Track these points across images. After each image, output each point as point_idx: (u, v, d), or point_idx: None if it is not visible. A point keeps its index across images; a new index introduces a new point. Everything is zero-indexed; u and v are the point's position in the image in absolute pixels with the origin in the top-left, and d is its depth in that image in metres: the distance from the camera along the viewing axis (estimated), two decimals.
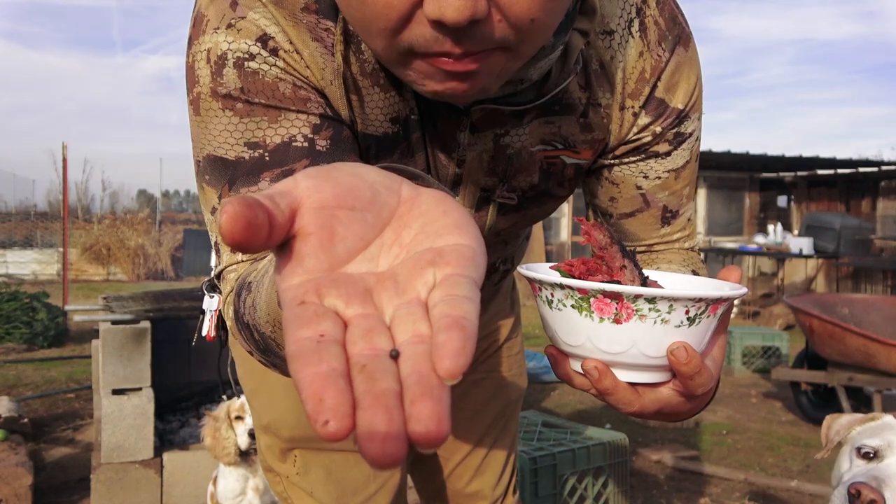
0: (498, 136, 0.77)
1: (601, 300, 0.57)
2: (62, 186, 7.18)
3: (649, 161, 0.83)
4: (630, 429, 3.85)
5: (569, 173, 0.85)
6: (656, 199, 0.85)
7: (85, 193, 25.52)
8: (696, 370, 0.57)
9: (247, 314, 0.64)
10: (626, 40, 0.77)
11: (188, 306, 2.99)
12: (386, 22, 0.57)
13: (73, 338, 6.33)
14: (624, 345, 0.58)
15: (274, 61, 0.68)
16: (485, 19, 0.55)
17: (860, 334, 3.50)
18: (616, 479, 2.37)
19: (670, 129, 0.81)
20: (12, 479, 2.52)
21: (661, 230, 0.88)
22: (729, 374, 5.58)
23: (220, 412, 2.08)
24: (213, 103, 0.68)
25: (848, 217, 9.58)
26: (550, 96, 0.74)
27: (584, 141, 0.81)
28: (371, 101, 0.73)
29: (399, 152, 0.77)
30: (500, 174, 0.81)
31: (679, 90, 0.81)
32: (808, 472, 3.36)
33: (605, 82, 0.78)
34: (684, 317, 0.57)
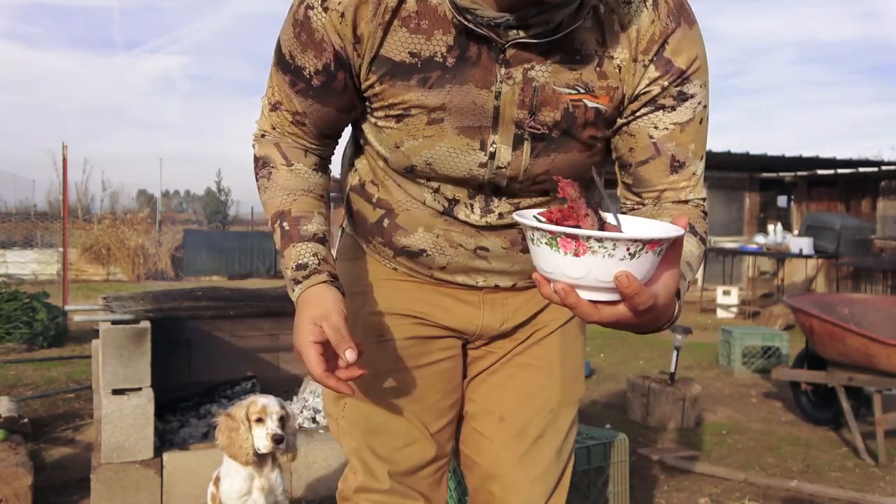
0: (526, 70, 0.99)
1: (564, 239, 0.76)
2: (62, 186, 7.18)
3: (658, 112, 1.02)
4: (630, 429, 3.85)
5: (590, 116, 1.03)
6: (665, 148, 1.04)
7: (85, 193, 25.52)
8: (636, 292, 0.75)
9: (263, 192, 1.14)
10: (641, 10, 0.99)
11: (188, 306, 2.99)
12: None
13: (73, 338, 6.33)
14: (582, 272, 0.77)
15: (321, 15, 1.00)
16: None
17: (860, 334, 3.49)
18: (616, 479, 2.37)
19: (674, 85, 1.01)
20: (12, 479, 2.52)
21: (669, 177, 1.06)
22: (729, 374, 5.58)
23: (239, 412, 2.07)
24: (290, 22, 1.04)
25: (848, 217, 9.57)
26: (562, 34, 0.96)
27: (601, 87, 1.01)
28: (396, 38, 0.99)
29: (416, 80, 1.01)
30: (529, 106, 1.01)
31: (683, 54, 1.01)
32: (808, 472, 3.37)
33: (622, 40, 1.00)
34: (626, 253, 0.75)
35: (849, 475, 3.33)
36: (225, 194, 26.19)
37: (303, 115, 1.09)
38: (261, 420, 2.05)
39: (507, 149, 1.05)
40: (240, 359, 3.48)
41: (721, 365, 5.79)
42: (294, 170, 1.12)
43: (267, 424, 2.04)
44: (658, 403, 4.07)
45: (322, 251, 1.08)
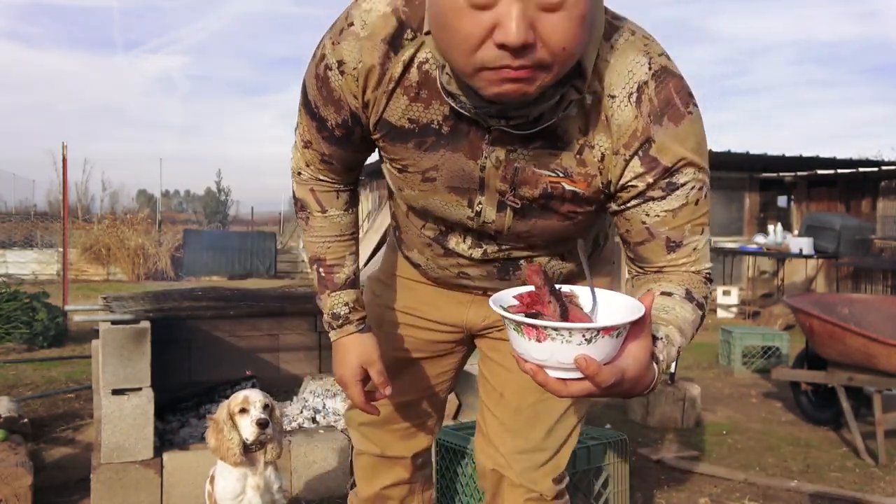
0: (509, 151, 1.07)
1: (527, 327, 0.85)
2: (62, 186, 7.18)
3: (648, 203, 1.07)
4: (630, 429, 3.85)
5: (567, 196, 1.11)
6: (659, 232, 1.08)
7: (85, 193, 25.53)
8: (596, 372, 0.83)
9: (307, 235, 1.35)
10: (624, 105, 1.02)
11: (188, 306, 2.99)
12: (466, 46, 0.88)
13: (73, 338, 6.33)
14: (545, 355, 0.86)
15: (338, 77, 1.10)
16: (532, 45, 0.85)
17: (860, 334, 3.49)
18: (616, 479, 2.37)
19: (661, 179, 1.04)
20: (12, 479, 2.52)
21: (667, 256, 1.10)
22: (729, 374, 5.57)
23: (221, 413, 2.05)
24: (312, 75, 1.14)
25: (848, 217, 9.57)
26: (541, 127, 1.02)
27: (579, 174, 1.08)
28: (398, 104, 1.09)
29: (413, 143, 1.12)
30: (509, 182, 1.11)
31: (668, 153, 1.03)
32: (808, 473, 3.37)
33: (604, 131, 1.04)
34: (582, 339, 0.84)
35: (849, 475, 3.33)
36: (225, 194, 26.24)
37: (330, 156, 1.24)
38: (244, 410, 2.03)
39: (492, 209, 1.16)
40: (240, 359, 3.48)
41: (721, 365, 5.79)
42: (328, 216, 1.32)
43: (251, 413, 2.02)
44: (658, 403, 4.07)
45: (353, 298, 1.35)
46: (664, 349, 0.98)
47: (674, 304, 1.06)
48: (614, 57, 1.02)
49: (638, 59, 1.02)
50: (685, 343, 1.03)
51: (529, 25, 0.85)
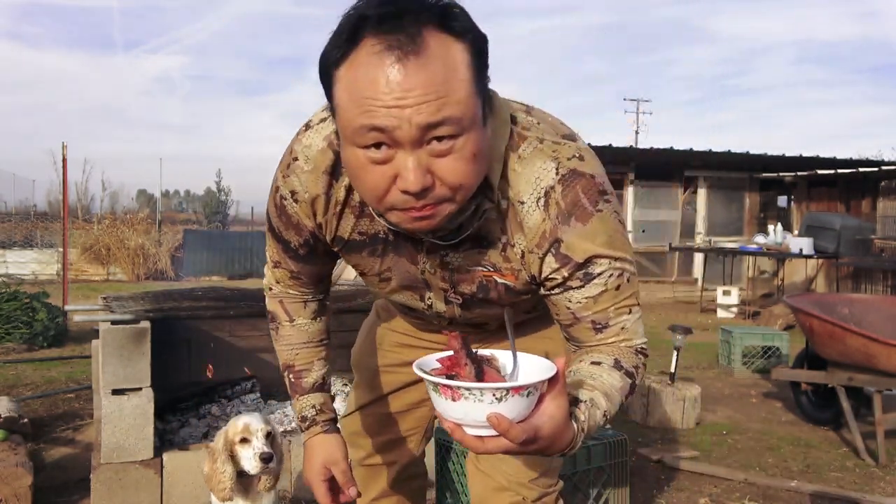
0: (442, 256, 1.21)
1: (443, 387, 0.93)
2: (62, 186, 7.18)
3: (569, 292, 1.16)
4: (630, 429, 3.85)
5: (500, 289, 1.23)
6: (584, 316, 1.17)
7: (85, 193, 25.52)
8: (507, 429, 0.90)
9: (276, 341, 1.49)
10: (532, 210, 1.12)
11: (188, 306, 2.99)
12: (375, 194, 1.02)
13: (73, 338, 6.33)
14: (461, 414, 0.93)
15: (293, 205, 1.24)
16: (431, 186, 0.98)
17: (860, 334, 3.49)
18: (616, 479, 2.37)
19: (576, 272, 1.13)
20: (12, 479, 2.52)
21: (596, 336, 1.18)
22: (729, 374, 5.57)
23: (217, 442, 1.91)
24: (272, 203, 1.29)
25: (848, 217, 9.57)
26: (461, 238, 1.16)
27: (506, 268, 1.19)
28: (347, 222, 1.23)
29: (367, 252, 1.26)
30: (448, 281, 1.25)
31: (578, 250, 1.12)
32: (808, 473, 3.36)
33: (519, 232, 1.15)
34: (493, 398, 0.91)
35: (849, 475, 3.33)
36: (225, 194, 26.21)
37: (298, 272, 1.37)
38: (246, 440, 1.89)
39: (440, 303, 1.30)
40: (240, 359, 3.48)
41: (721, 365, 5.79)
42: (296, 325, 1.43)
43: (253, 444, 1.88)
44: (658, 403, 4.07)
45: (320, 401, 1.42)
46: (587, 411, 1.05)
47: (601, 371, 1.14)
48: (522, 166, 1.12)
49: (545, 165, 1.11)
50: (612, 408, 1.11)
51: (426, 171, 0.97)
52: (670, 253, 11.93)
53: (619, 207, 1.18)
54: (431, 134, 0.96)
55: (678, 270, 12.16)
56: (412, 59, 0.93)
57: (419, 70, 0.93)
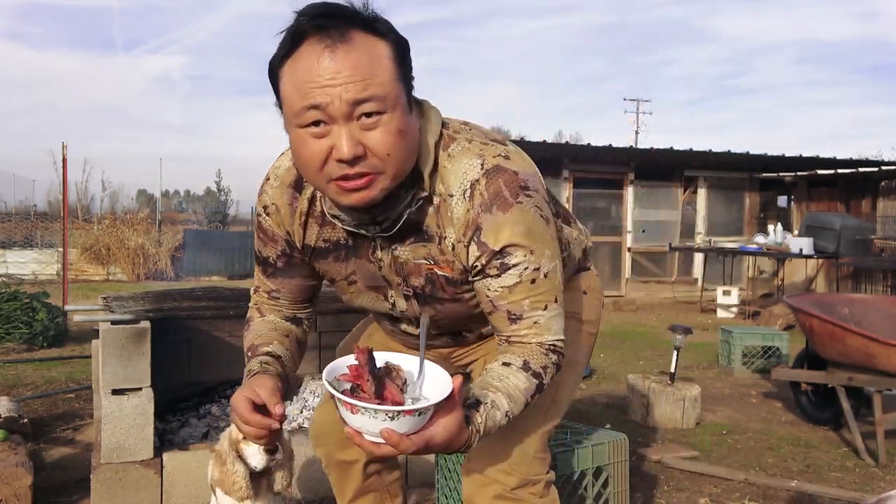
0: (392, 250, 1.34)
1: (344, 402, 1.06)
2: (62, 186, 7.18)
3: (486, 279, 1.28)
4: (630, 429, 3.85)
5: (442, 281, 1.34)
6: (500, 305, 1.28)
7: (85, 193, 25.54)
8: (398, 443, 1.05)
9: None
10: (460, 202, 1.25)
11: (188, 306, 2.99)
12: (315, 165, 1.17)
13: (73, 338, 6.33)
14: (358, 424, 1.07)
15: (266, 218, 1.42)
16: (362, 156, 1.15)
17: (860, 334, 3.49)
18: (616, 479, 2.36)
19: (493, 259, 1.25)
20: (12, 479, 2.52)
21: (511, 326, 1.29)
22: (729, 374, 5.57)
23: (222, 444, 1.88)
24: (254, 225, 1.48)
25: (848, 217, 9.57)
26: (405, 224, 1.28)
27: (443, 260, 1.31)
28: (312, 231, 1.39)
29: (332, 258, 1.41)
30: (400, 275, 1.36)
31: (494, 237, 1.24)
32: (808, 473, 3.36)
33: (450, 225, 1.27)
34: (386, 416, 1.04)
35: (849, 475, 3.33)
36: (225, 194, 26.18)
37: (276, 291, 1.49)
38: None
39: (401, 300, 1.42)
40: (240, 359, 3.47)
41: (721, 365, 5.79)
42: (265, 319, 1.51)
43: None
44: (658, 403, 4.07)
45: (270, 360, 1.42)
46: (485, 412, 1.19)
47: (509, 373, 1.25)
48: (451, 163, 1.26)
49: (472, 161, 1.25)
50: (515, 407, 1.24)
51: (357, 142, 1.13)
52: (670, 253, 11.93)
53: (542, 205, 1.29)
54: (360, 110, 1.13)
55: (678, 270, 12.15)
56: (340, 48, 1.12)
57: (346, 56, 1.12)
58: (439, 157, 1.27)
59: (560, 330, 1.32)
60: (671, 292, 11.73)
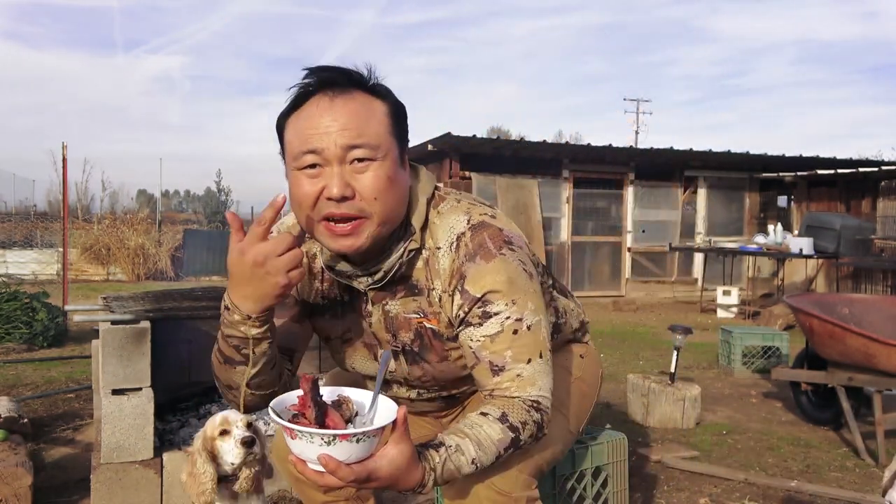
0: (384, 305, 1.38)
1: (284, 428, 1.06)
2: (62, 186, 7.18)
3: (469, 329, 1.30)
4: (630, 429, 3.85)
5: (430, 335, 1.37)
6: (483, 356, 1.29)
7: (85, 193, 25.54)
8: (335, 469, 1.03)
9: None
10: (447, 254, 1.32)
11: (188, 306, 2.99)
12: (307, 202, 1.24)
13: (73, 338, 6.33)
14: (298, 450, 1.07)
15: None
16: (351, 197, 1.22)
17: (860, 334, 3.49)
18: (616, 479, 2.36)
19: (475, 308, 1.28)
20: (12, 479, 2.52)
21: (493, 379, 1.29)
22: (729, 374, 5.57)
23: (196, 443, 1.80)
24: None
25: (848, 217, 9.56)
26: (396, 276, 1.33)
27: (431, 312, 1.35)
28: (308, 287, 1.45)
29: (329, 315, 1.46)
30: (391, 330, 1.39)
31: (476, 285, 1.28)
32: (808, 473, 3.36)
33: (437, 276, 1.33)
34: (322, 441, 1.03)
35: (849, 475, 3.33)
36: (225, 194, 26.17)
37: None
38: (226, 432, 1.78)
39: (391, 360, 1.43)
40: None
41: (721, 365, 5.79)
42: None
43: (233, 432, 1.76)
44: (658, 403, 4.07)
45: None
46: (446, 454, 1.17)
47: (483, 422, 1.23)
48: (440, 219, 1.34)
49: (459, 217, 1.33)
50: (484, 457, 1.21)
51: (347, 184, 1.21)
52: (670, 253, 11.93)
53: (526, 260, 1.33)
54: (352, 155, 1.22)
55: (678, 270, 12.16)
56: (339, 99, 1.23)
57: (344, 106, 1.23)
58: (430, 214, 1.35)
59: (546, 388, 1.29)
60: (671, 292, 11.73)
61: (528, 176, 10.94)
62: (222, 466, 1.79)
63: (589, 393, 1.70)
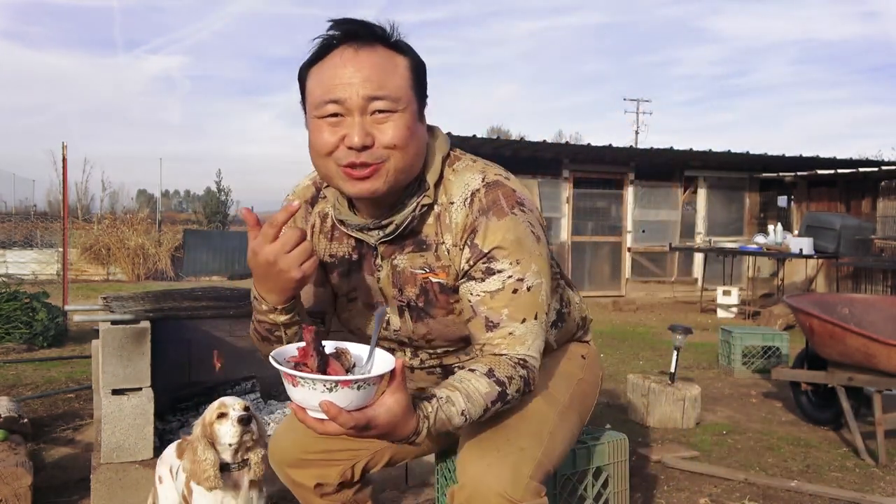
0: (392, 259, 1.41)
1: (286, 375, 1.08)
2: (62, 186, 7.17)
3: (471, 282, 1.34)
4: (630, 429, 3.85)
5: (436, 288, 1.39)
6: (480, 311, 1.33)
7: (85, 193, 25.55)
8: (336, 415, 1.06)
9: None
10: (460, 209, 1.35)
11: (188, 306, 2.99)
12: (326, 150, 1.28)
13: (73, 338, 6.33)
14: (299, 398, 1.09)
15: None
16: (371, 145, 1.26)
17: (860, 334, 3.49)
18: (616, 479, 2.36)
19: (480, 262, 1.32)
20: (12, 479, 2.52)
21: (486, 334, 1.33)
22: (729, 374, 5.57)
23: (195, 430, 1.84)
24: None
25: (848, 217, 9.56)
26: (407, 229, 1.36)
27: (439, 266, 1.38)
28: (320, 245, 1.49)
29: (336, 273, 1.48)
30: (397, 285, 1.41)
31: (485, 239, 1.32)
32: (808, 472, 3.36)
33: (449, 231, 1.36)
34: (324, 388, 1.06)
35: (849, 475, 3.33)
36: (225, 194, 26.16)
37: None
38: (223, 415, 1.83)
39: (395, 317, 1.45)
40: (240, 359, 3.48)
41: (721, 365, 5.79)
42: None
43: (229, 414, 1.81)
44: (658, 403, 4.07)
45: None
46: (438, 404, 1.20)
47: (470, 377, 1.26)
48: (455, 176, 1.38)
49: (474, 175, 1.37)
50: (473, 409, 1.24)
51: (367, 133, 1.25)
52: (670, 253, 11.94)
53: (535, 224, 1.36)
54: (373, 106, 1.25)
55: (678, 270, 12.16)
56: (363, 51, 1.27)
57: (367, 58, 1.26)
58: (444, 171, 1.39)
59: (535, 348, 1.33)
60: (671, 292, 11.73)
61: (528, 176, 10.94)
62: (222, 454, 1.84)
63: (591, 393, 1.70)
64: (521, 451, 1.37)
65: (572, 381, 1.62)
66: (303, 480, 1.67)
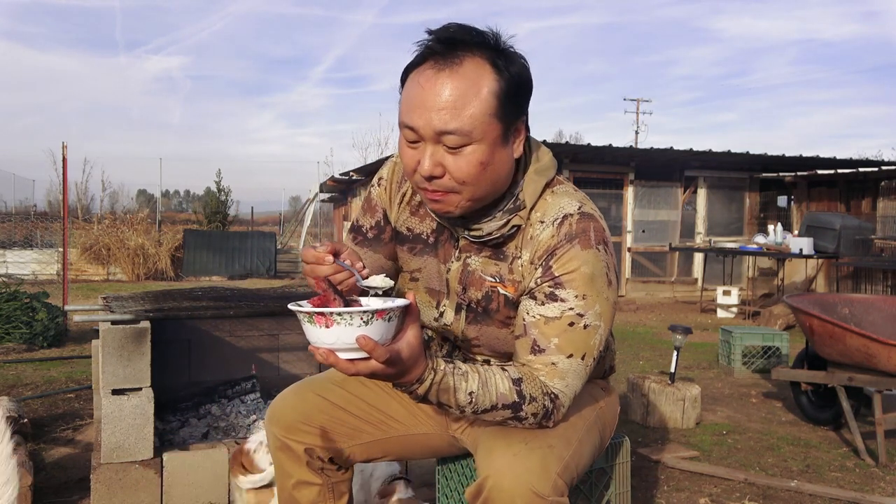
0: (467, 257, 1.43)
1: (318, 317, 1.09)
2: (62, 186, 7.17)
3: (531, 302, 1.33)
4: (630, 429, 3.85)
5: (501, 300, 1.40)
6: (531, 332, 1.32)
7: (85, 193, 25.56)
8: (373, 348, 1.08)
9: None
10: (547, 228, 1.35)
11: (188, 306, 2.99)
12: (409, 169, 1.33)
13: (73, 338, 6.33)
14: (333, 338, 1.09)
15: (377, 188, 1.57)
16: (440, 176, 1.29)
17: (860, 334, 3.49)
18: (616, 479, 2.36)
19: (546, 285, 1.31)
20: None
21: (528, 356, 1.31)
22: (729, 374, 5.57)
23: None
24: (365, 193, 1.60)
25: (848, 217, 9.56)
26: (486, 239, 1.39)
27: (510, 280, 1.39)
28: (403, 214, 1.53)
29: (407, 247, 1.52)
30: (463, 283, 1.43)
31: (561, 264, 1.32)
32: (808, 472, 3.36)
33: (529, 247, 1.36)
34: (360, 321, 1.08)
35: (849, 475, 3.33)
36: (225, 194, 26.13)
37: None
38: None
39: (451, 311, 1.46)
40: (240, 359, 3.48)
41: (721, 365, 5.79)
42: None
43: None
44: (658, 403, 4.07)
45: None
46: (451, 370, 1.22)
47: (497, 372, 1.27)
48: (553, 198, 1.38)
49: (571, 202, 1.37)
50: (482, 397, 1.23)
51: (437, 163, 1.27)
52: (670, 253, 11.94)
53: (612, 267, 1.36)
54: (445, 140, 1.26)
55: (678, 270, 12.16)
56: (445, 73, 1.24)
57: (447, 82, 1.24)
58: (545, 193, 1.39)
59: (572, 388, 1.31)
60: (671, 292, 11.73)
61: None
62: None
63: (610, 423, 1.68)
64: (549, 448, 1.32)
65: (595, 405, 1.61)
66: (293, 445, 1.59)
